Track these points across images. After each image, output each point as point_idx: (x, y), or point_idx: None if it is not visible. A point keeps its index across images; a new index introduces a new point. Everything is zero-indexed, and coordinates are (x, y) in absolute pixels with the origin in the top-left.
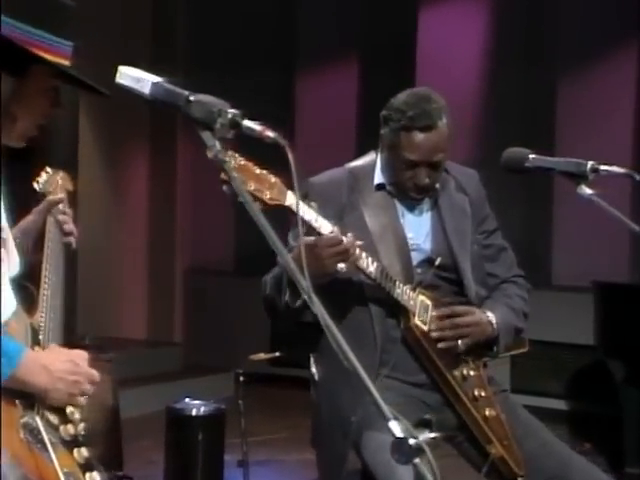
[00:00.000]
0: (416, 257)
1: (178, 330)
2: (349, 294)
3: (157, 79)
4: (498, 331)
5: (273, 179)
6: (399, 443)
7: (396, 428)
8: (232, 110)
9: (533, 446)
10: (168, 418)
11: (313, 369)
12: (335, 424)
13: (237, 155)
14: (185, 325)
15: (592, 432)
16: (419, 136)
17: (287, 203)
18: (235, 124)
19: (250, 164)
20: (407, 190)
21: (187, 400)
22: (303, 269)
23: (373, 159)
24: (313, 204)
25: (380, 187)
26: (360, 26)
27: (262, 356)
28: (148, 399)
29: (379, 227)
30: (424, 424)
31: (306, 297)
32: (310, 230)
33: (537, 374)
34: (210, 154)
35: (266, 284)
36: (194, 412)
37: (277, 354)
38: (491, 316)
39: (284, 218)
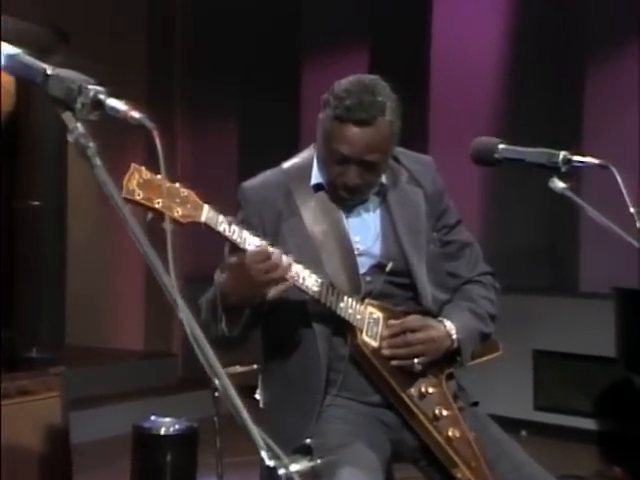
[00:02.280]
0: (364, 263)
1: (177, 340)
2: (290, 311)
3: (14, 50)
4: (459, 342)
5: (185, 192)
6: (269, 473)
7: (268, 457)
8: (94, 87)
9: (507, 469)
10: (134, 438)
11: (257, 395)
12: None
13: (143, 168)
14: (184, 336)
15: (624, 455)
16: (352, 130)
17: (203, 220)
18: (98, 103)
19: (157, 177)
20: (336, 188)
21: (153, 418)
22: (232, 291)
23: (311, 155)
24: (237, 217)
25: (318, 187)
26: (370, 11)
27: (238, 369)
28: (141, 414)
29: (321, 233)
30: (303, 450)
31: (171, 300)
32: (235, 248)
33: (563, 390)
34: (70, 138)
35: (201, 307)
36: (163, 431)
37: (255, 366)
38: (450, 326)
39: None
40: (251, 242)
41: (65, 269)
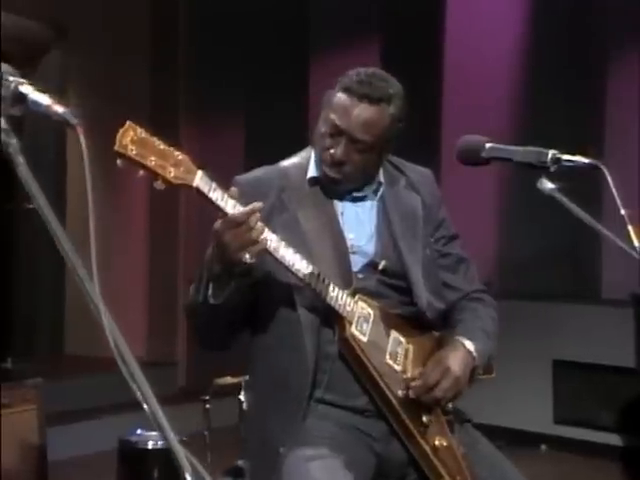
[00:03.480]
0: (357, 261)
1: (181, 348)
2: (277, 300)
3: None
4: (476, 364)
5: (180, 156)
6: None
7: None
8: (16, 79)
9: None
10: (120, 452)
11: (242, 396)
12: (264, 457)
13: (138, 127)
14: (189, 343)
15: None
16: (354, 102)
17: (195, 184)
18: (19, 97)
19: (153, 138)
20: (323, 162)
21: (139, 431)
22: (217, 259)
23: (308, 154)
24: (234, 189)
25: (314, 182)
26: (380, 6)
27: (229, 380)
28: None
29: (314, 228)
30: (234, 473)
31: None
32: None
33: (585, 403)
34: None
35: (190, 294)
36: (150, 445)
37: (247, 377)
38: (469, 345)
39: None
40: (232, 207)
41: (64, 274)
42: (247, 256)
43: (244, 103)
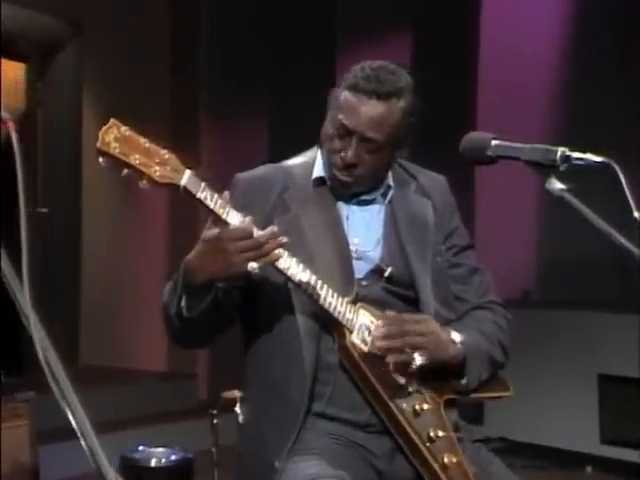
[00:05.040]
0: (362, 268)
1: (202, 359)
2: (276, 305)
3: None
4: (465, 352)
5: (167, 155)
6: None
7: None
8: None
9: None
10: (121, 470)
11: (237, 409)
12: (258, 472)
13: (122, 125)
14: (210, 355)
15: None
16: (362, 100)
17: (182, 183)
18: None
19: (139, 136)
20: (333, 166)
21: (141, 448)
22: (200, 267)
23: (314, 153)
24: (226, 193)
25: (320, 182)
26: None
27: (236, 393)
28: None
29: (316, 230)
30: None
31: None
32: (217, 221)
33: (633, 421)
34: None
35: (164, 293)
36: (153, 462)
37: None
38: (455, 335)
39: None
40: (234, 217)
41: (80, 281)
42: (254, 265)
43: (268, 101)
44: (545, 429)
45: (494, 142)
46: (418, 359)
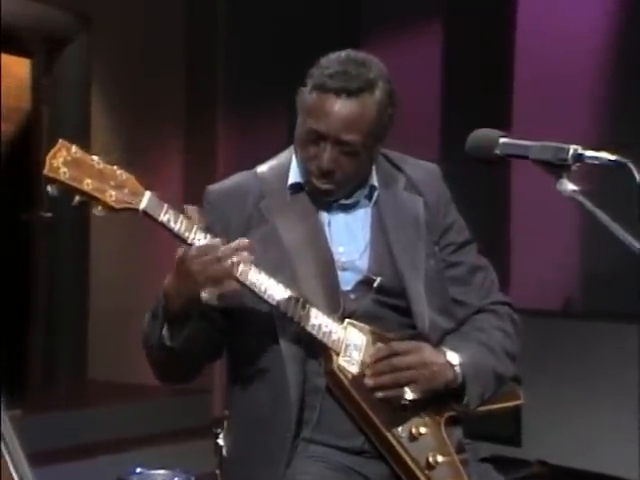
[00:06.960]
0: (350, 279)
1: (218, 374)
2: (257, 329)
3: None
4: (464, 375)
5: (124, 176)
6: None
7: None
8: None
9: None
10: None
11: (221, 441)
12: None
13: (74, 146)
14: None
15: None
16: (332, 100)
17: (142, 207)
18: None
19: (92, 157)
20: (310, 174)
21: (139, 470)
22: (175, 292)
23: (289, 156)
24: (191, 208)
25: (296, 188)
26: None
27: None
28: (160, 462)
29: (296, 242)
30: None
31: None
32: (183, 244)
33: None
34: None
35: (143, 325)
36: None
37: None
38: (451, 356)
39: None
40: (200, 237)
41: (88, 290)
42: (205, 294)
43: (288, 99)
44: (582, 452)
45: (502, 140)
46: (409, 394)
